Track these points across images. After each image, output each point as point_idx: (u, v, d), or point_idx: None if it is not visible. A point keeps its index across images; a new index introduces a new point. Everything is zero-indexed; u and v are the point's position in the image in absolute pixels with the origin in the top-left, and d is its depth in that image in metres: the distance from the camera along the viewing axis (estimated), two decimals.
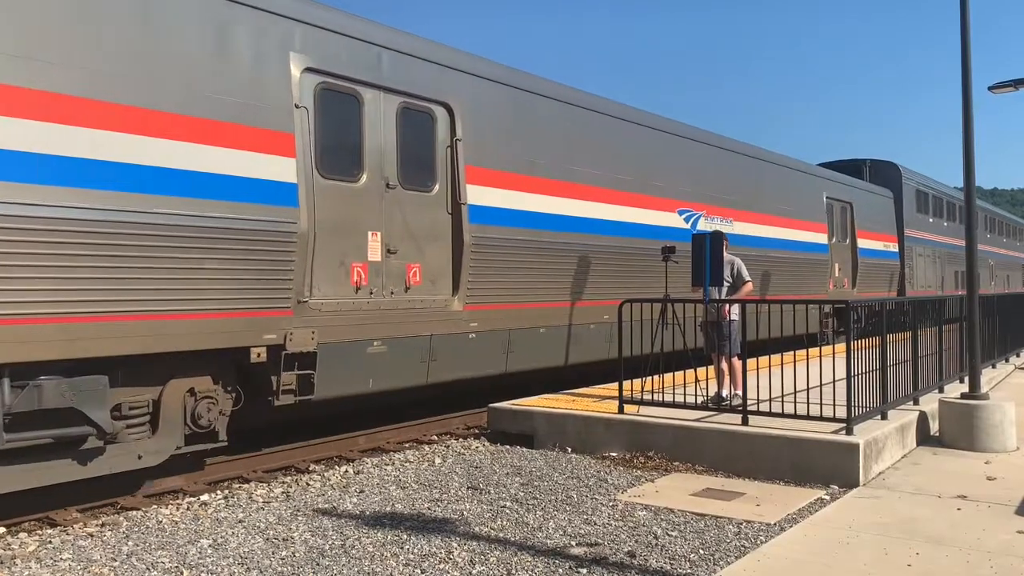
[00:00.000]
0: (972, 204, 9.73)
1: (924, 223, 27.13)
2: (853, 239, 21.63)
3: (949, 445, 8.64)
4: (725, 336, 9.22)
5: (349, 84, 9.10)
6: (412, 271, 9.72)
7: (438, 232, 10.11)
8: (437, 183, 10.13)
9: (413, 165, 9.85)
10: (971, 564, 5.18)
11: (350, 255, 9.02)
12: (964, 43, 9.05)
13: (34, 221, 6.42)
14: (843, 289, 20.76)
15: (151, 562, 5.44)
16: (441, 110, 10.23)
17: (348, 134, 9.17)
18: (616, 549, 5.66)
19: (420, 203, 9.90)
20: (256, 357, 8.02)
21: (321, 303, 8.66)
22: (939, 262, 28.29)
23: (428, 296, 9.93)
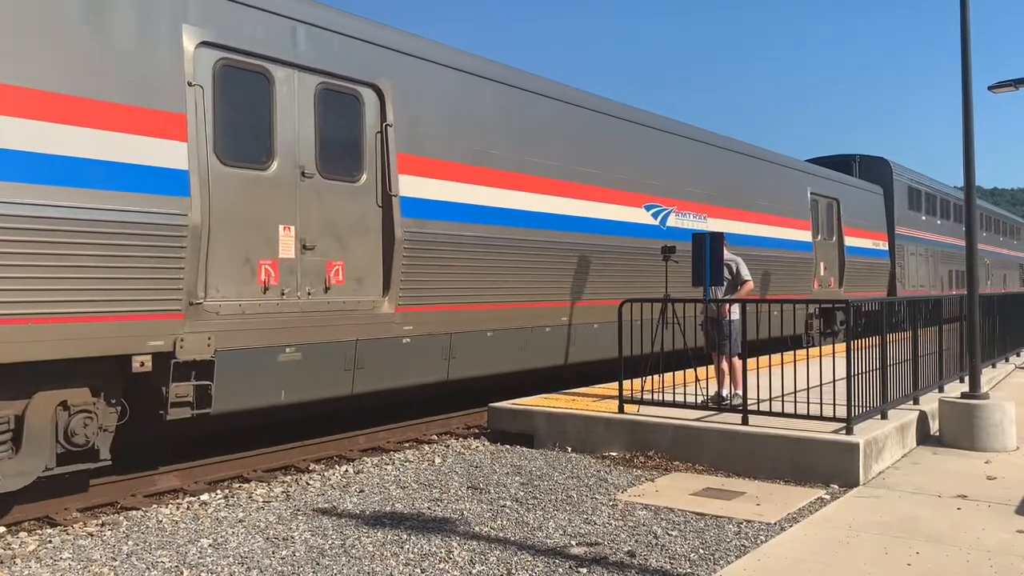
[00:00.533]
0: (972, 204, 9.72)
1: (916, 221, 26.45)
2: (840, 237, 20.98)
3: (949, 445, 8.64)
4: (725, 335, 9.22)
5: (256, 61, 8.21)
6: (333, 269, 8.86)
7: (366, 226, 9.24)
8: (364, 172, 9.25)
9: (335, 152, 8.98)
10: (971, 563, 5.18)
11: (257, 251, 8.14)
12: (964, 43, 9.05)
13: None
14: (829, 289, 20.22)
15: (151, 562, 5.44)
16: (369, 92, 9.32)
17: (255, 117, 8.29)
18: (616, 549, 5.66)
19: (344, 194, 9.01)
20: (139, 366, 7.12)
21: (220, 305, 7.78)
22: (932, 261, 27.69)
23: (353, 297, 9.07)
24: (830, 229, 20.68)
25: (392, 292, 9.41)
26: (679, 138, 15.15)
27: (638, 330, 9.37)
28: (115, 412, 7.35)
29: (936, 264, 27.97)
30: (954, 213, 30.69)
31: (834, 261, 20.66)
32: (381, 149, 9.40)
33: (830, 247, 20.56)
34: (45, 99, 6.60)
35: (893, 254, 24.01)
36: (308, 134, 8.71)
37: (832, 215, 20.76)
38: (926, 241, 27.20)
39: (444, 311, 10.10)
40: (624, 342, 9.29)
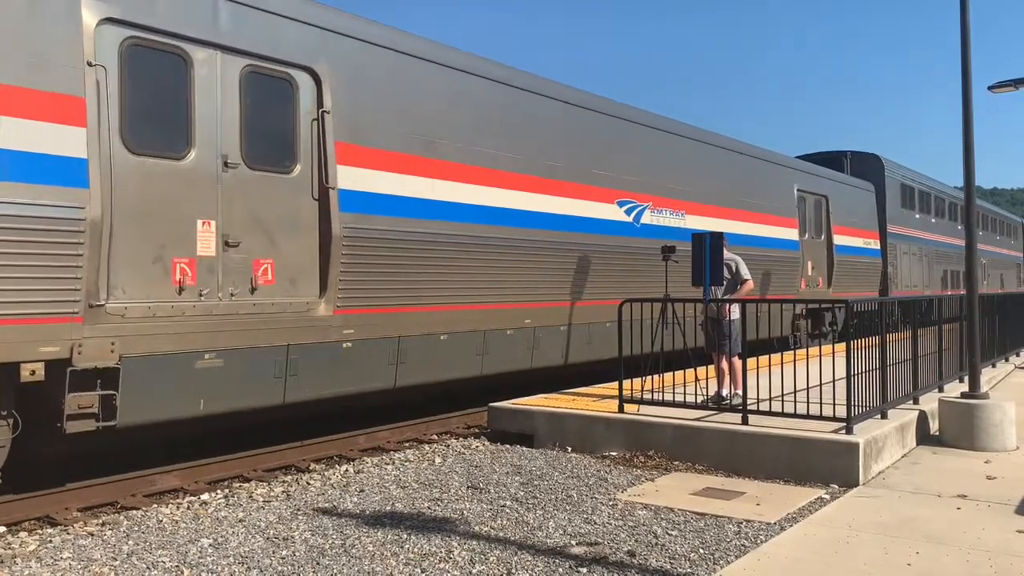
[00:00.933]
0: (972, 203, 9.72)
1: (910, 219, 25.78)
2: (829, 235, 20.32)
3: (949, 444, 8.64)
4: (725, 335, 9.22)
5: (171, 41, 7.56)
6: (261, 268, 8.18)
7: (300, 221, 8.57)
8: (298, 163, 8.60)
9: (264, 141, 8.32)
10: (971, 563, 5.18)
11: (171, 248, 7.50)
12: (964, 43, 9.05)
13: None
14: (817, 289, 19.68)
15: (151, 561, 5.44)
16: (305, 77, 8.68)
17: (170, 102, 7.63)
18: (616, 548, 5.66)
19: (274, 186, 8.35)
20: (29, 375, 6.49)
21: (125, 308, 7.11)
22: (926, 261, 27.07)
23: (284, 299, 8.39)
24: (818, 227, 20.05)
25: (330, 293, 8.76)
26: (655, 131, 14.53)
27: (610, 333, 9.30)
28: (6, 425, 6.71)
29: (931, 264, 27.43)
30: (949, 211, 30.05)
31: (822, 260, 20.10)
32: (317, 138, 8.75)
33: (818, 246, 19.96)
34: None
35: (885, 253, 23.40)
36: (232, 121, 8.05)
37: (820, 213, 20.17)
38: (920, 240, 26.59)
39: (391, 313, 9.48)
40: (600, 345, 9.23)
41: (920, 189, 27.04)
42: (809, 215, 19.60)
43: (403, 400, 10.64)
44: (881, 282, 23.00)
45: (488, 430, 9.93)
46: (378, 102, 9.47)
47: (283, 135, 8.56)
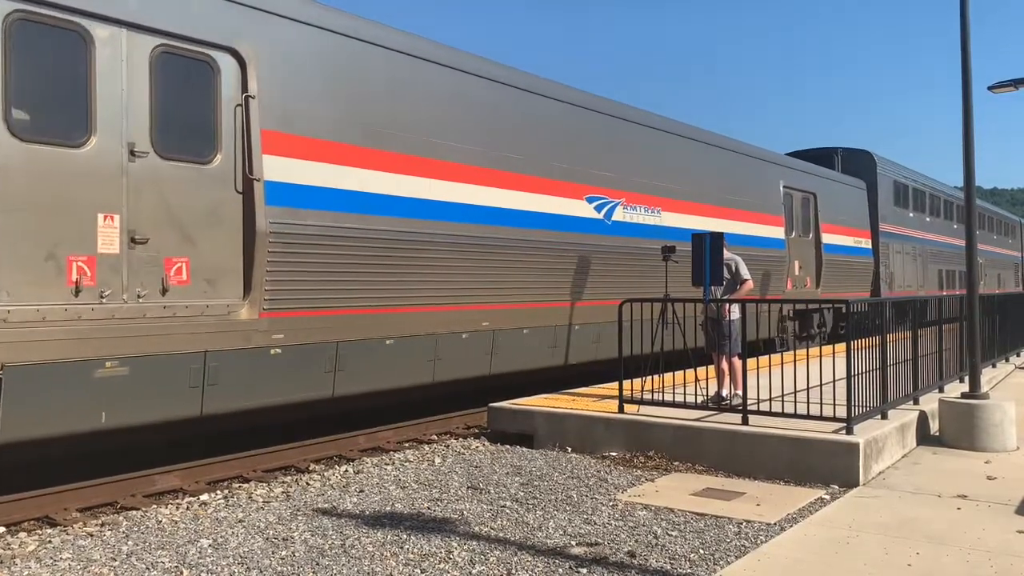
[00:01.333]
0: (972, 203, 9.72)
1: (903, 218, 25.04)
2: (817, 234, 19.61)
3: (949, 445, 8.64)
4: (725, 335, 9.22)
5: (67, 16, 6.89)
6: (174, 267, 7.48)
7: (220, 216, 7.88)
8: (219, 153, 7.91)
9: (179, 129, 7.64)
10: (971, 564, 5.18)
11: (66, 245, 6.84)
12: (964, 43, 9.04)
13: None
14: (804, 289, 19.04)
15: (151, 562, 5.44)
16: (227, 59, 7.99)
17: (66, 85, 6.97)
18: (616, 549, 5.66)
19: (190, 178, 7.67)
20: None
21: (8, 311, 6.50)
22: (921, 260, 26.34)
23: (201, 300, 7.72)
24: (806, 225, 19.33)
25: (255, 295, 8.05)
26: (629, 123, 13.81)
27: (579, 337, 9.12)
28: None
29: (925, 263, 26.73)
30: (945, 210, 29.46)
31: (810, 260, 19.41)
32: (241, 125, 8.05)
33: (806, 245, 19.28)
34: None
35: (877, 253, 22.71)
36: (140, 107, 7.37)
37: (808, 211, 19.44)
38: (914, 239, 25.89)
39: (328, 316, 8.76)
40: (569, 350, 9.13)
41: (914, 187, 26.37)
42: (796, 213, 18.90)
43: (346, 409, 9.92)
44: (873, 282, 22.42)
45: (488, 430, 9.93)
46: (314, 87, 8.78)
47: (202, 122, 7.86)
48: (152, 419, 7.44)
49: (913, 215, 26.01)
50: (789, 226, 18.47)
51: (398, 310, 9.58)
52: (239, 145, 8.08)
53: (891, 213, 23.98)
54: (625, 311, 9.29)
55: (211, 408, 7.82)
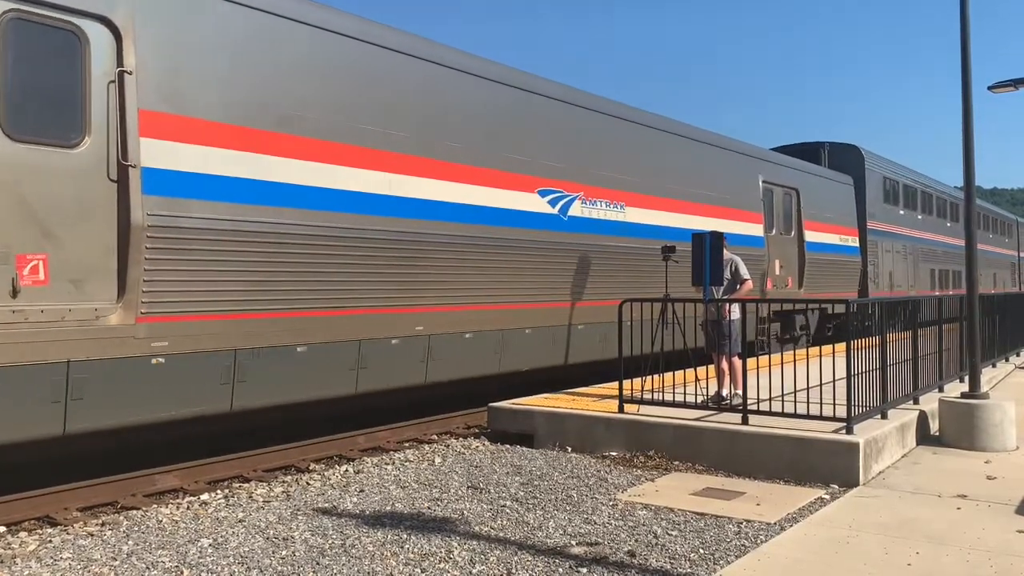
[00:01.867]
0: (971, 204, 9.72)
1: (893, 215, 24.07)
2: (800, 231, 18.58)
3: (949, 444, 8.64)
4: (725, 335, 9.22)
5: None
6: (29, 265, 6.55)
7: (89, 207, 6.93)
8: (88, 135, 6.95)
9: (37, 107, 6.72)
10: (971, 563, 5.18)
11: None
12: (964, 43, 9.05)
13: None
14: (786, 289, 18.07)
15: (151, 561, 5.44)
16: (98, 28, 7.05)
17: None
18: (616, 548, 5.66)
19: (52, 163, 6.74)
20: None
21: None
22: (912, 259, 25.34)
23: (62, 304, 6.74)
24: (788, 222, 18.35)
25: (130, 296, 7.11)
26: (589, 112, 12.81)
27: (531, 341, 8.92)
28: None
29: (917, 262, 25.74)
30: (938, 208, 28.68)
31: (792, 258, 18.41)
32: (116, 104, 7.10)
33: (787, 243, 18.32)
34: None
35: (865, 251, 21.75)
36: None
37: (790, 207, 18.50)
38: (904, 237, 24.86)
39: (224, 321, 7.79)
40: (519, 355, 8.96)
41: (905, 184, 25.38)
42: (777, 209, 17.87)
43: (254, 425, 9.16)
44: (860, 282, 21.47)
45: (488, 430, 9.93)
46: (209, 63, 7.83)
47: (66, 100, 6.89)
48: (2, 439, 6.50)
49: (904, 212, 25.10)
50: (769, 223, 17.40)
51: (312, 313, 8.56)
52: (112, 127, 7.10)
53: (880, 210, 23.10)
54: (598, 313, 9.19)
55: (78, 426, 6.86)
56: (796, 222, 18.62)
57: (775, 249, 17.64)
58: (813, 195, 19.28)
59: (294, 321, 8.41)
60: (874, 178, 22.77)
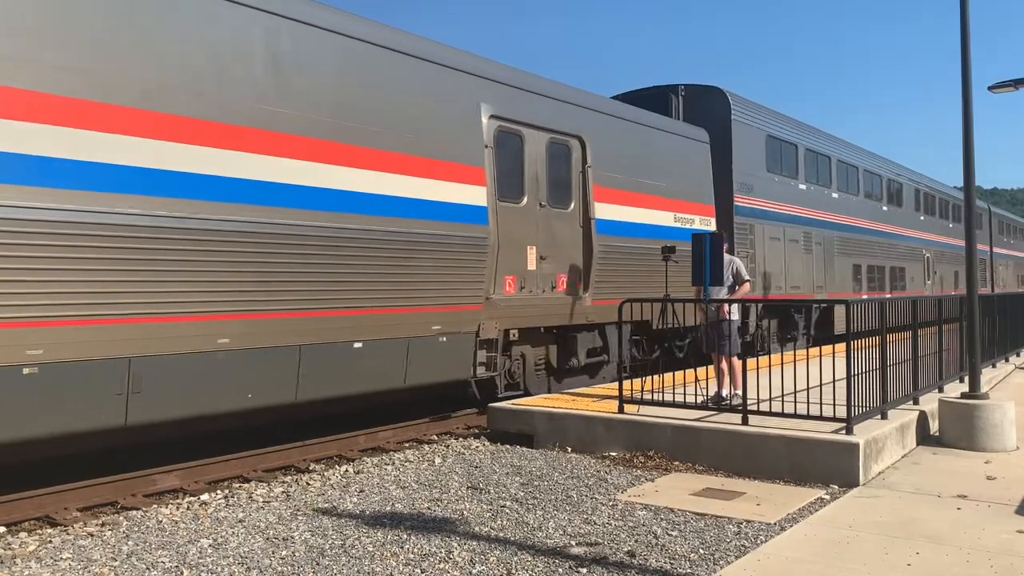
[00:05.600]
0: (971, 203, 9.71)
1: (784, 189, 18.11)
2: (584, 205, 12.36)
3: (949, 445, 8.64)
4: (725, 335, 9.22)
5: None
6: None
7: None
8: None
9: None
10: (971, 564, 5.18)
11: None
12: (964, 43, 9.05)
13: None
14: (555, 295, 11.82)
15: (151, 562, 5.44)
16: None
17: None
18: (616, 549, 5.66)
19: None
20: None
21: None
22: (820, 250, 19.47)
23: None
24: (560, 190, 12.10)
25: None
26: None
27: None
28: None
29: (829, 255, 19.88)
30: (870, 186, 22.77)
31: (569, 246, 12.18)
32: None
33: (559, 222, 12.03)
34: None
35: (731, 237, 15.03)
36: None
37: (564, 166, 12.23)
38: (805, 220, 18.81)
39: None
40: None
41: (809, 148, 19.31)
42: (534, 168, 11.62)
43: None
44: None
45: (488, 430, 9.93)
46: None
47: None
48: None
49: (809, 188, 19.18)
50: (506, 186, 11.18)
51: (61, 323, 6.73)
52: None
53: (760, 181, 17.18)
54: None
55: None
56: (578, 190, 12.36)
57: (524, 229, 11.40)
58: (614, 150, 13.02)
59: (22, 333, 6.59)
60: (749, 136, 16.89)
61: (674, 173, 14.58)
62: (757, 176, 17.10)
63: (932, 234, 28.26)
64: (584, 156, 12.53)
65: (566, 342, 12.34)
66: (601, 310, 12.35)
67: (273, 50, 8.58)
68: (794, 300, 16.28)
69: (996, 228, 37.96)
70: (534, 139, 11.77)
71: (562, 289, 12.09)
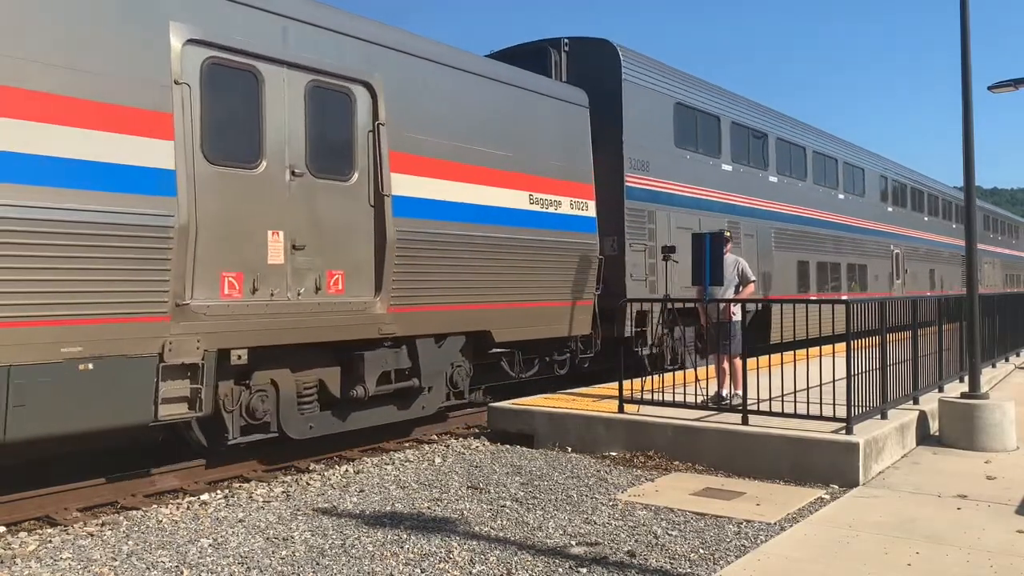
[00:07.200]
0: (972, 204, 9.70)
1: (698, 169, 15.01)
2: (377, 176, 9.06)
3: (949, 444, 8.64)
4: (731, 336, 9.19)
5: None
6: None
7: None
8: None
9: None
10: (971, 564, 5.18)
11: None
12: (964, 43, 9.05)
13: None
14: (313, 298, 8.47)
15: (151, 561, 5.45)
16: None
17: None
18: (616, 548, 5.66)
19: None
20: None
21: None
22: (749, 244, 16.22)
23: None
24: (333, 155, 8.83)
25: None
26: None
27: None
28: None
29: (765, 249, 16.98)
30: (820, 170, 19.79)
31: (348, 232, 8.85)
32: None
33: (331, 197, 8.70)
34: None
35: (622, 227, 12.90)
36: None
37: (345, 122, 8.92)
38: (730, 207, 15.79)
39: None
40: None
41: (736, 122, 16.34)
42: (272, 120, 8.24)
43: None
44: (596, 280, 12.26)
45: (488, 430, 9.93)
46: None
47: None
48: None
49: (736, 169, 16.27)
50: (232, 145, 7.96)
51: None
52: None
53: (665, 158, 14.08)
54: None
55: None
56: (368, 156, 9.08)
57: (262, 205, 8.07)
58: (429, 105, 9.80)
59: None
60: (649, 102, 13.83)
61: (532, 142, 11.40)
62: (661, 151, 14.04)
63: (902, 227, 24.91)
64: (375, 110, 9.10)
65: (353, 365, 9.13)
66: (406, 320, 9.28)
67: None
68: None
69: (980, 223, 32.56)
70: (283, 81, 8.31)
71: (335, 291, 8.72)
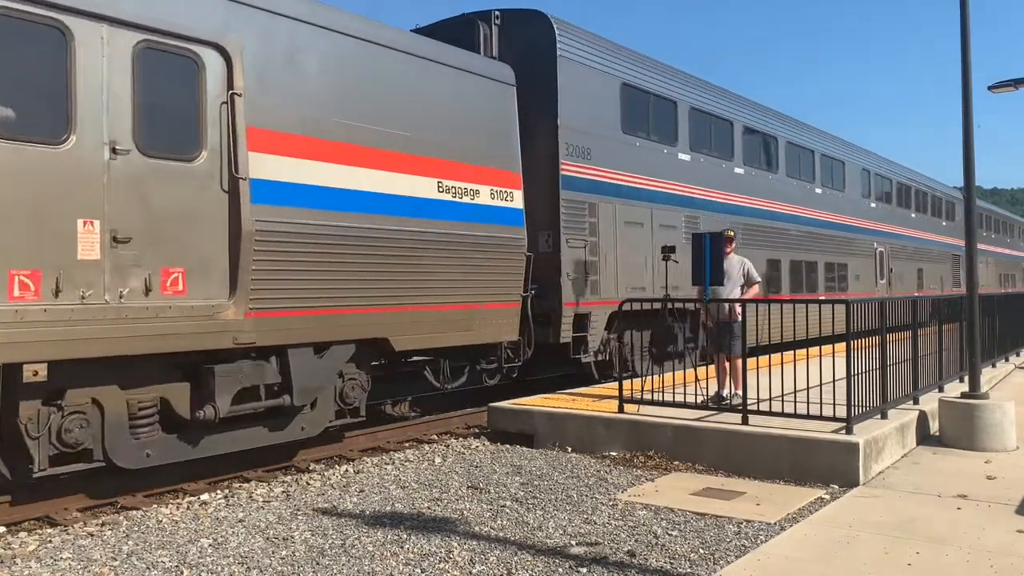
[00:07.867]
0: (972, 204, 9.69)
1: (649, 158, 13.67)
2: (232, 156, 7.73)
3: (949, 444, 8.64)
4: (735, 335, 9.17)
5: None
6: None
7: None
8: None
9: None
10: (971, 564, 5.18)
11: None
12: (964, 43, 9.04)
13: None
14: (142, 301, 7.05)
15: (151, 561, 5.45)
16: None
17: None
18: (616, 548, 5.66)
19: None
20: None
21: None
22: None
23: None
24: (174, 130, 7.48)
25: None
26: None
27: None
28: None
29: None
30: (790, 159, 18.39)
31: (192, 221, 7.50)
32: None
33: (170, 181, 7.34)
34: None
35: (558, 223, 11.71)
36: None
37: (190, 92, 7.60)
38: (688, 200, 14.59)
39: None
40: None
41: (695, 107, 15.00)
42: (85, 86, 6.84)
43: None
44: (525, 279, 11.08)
45: (488, 430, 9.93)
46: None
47: None
48: None
49: (696, 159, 14.98)
50: (28, 115, 6.56)
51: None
52: None
53: (609, 144, 12.81)
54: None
55: None
56: (220, 132, 7.76)
57: (68, 188, 6.71)
58: (303, 75, 8.51)
59: None
60: (590, 81, 12.58)
61: (441, 122, 10.13)
62: (605, 137, 12.72)
63: (887, 224, 23.61)
64: (230, 78, 7.84)
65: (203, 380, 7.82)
66: (272, 326, 8.05)
67: None
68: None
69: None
70: (101, 39, 6.99)
71: (173, 292, 7.38)
